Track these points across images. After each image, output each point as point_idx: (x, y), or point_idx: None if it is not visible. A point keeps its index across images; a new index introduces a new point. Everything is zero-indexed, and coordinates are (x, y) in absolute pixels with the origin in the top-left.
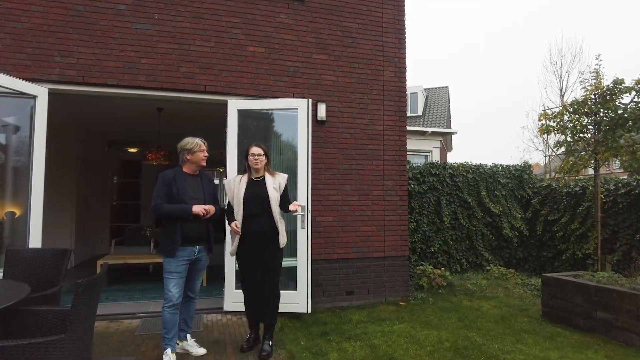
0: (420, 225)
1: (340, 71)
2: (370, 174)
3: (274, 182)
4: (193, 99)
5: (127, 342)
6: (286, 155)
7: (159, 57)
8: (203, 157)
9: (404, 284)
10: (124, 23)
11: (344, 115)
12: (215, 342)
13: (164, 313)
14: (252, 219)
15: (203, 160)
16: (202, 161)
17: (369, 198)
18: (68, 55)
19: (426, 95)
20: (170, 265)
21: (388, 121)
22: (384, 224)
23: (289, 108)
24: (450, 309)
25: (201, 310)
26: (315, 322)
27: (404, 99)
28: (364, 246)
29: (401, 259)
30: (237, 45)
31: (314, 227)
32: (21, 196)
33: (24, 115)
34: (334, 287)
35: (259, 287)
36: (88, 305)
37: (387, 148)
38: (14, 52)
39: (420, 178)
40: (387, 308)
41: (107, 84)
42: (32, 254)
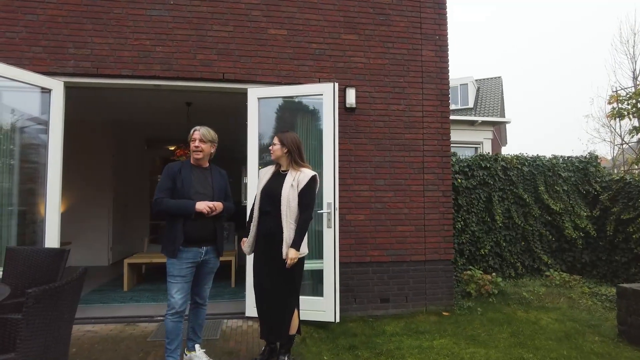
0: (468, 224)
1: (371, 52)
2: (407, 166)
3: (293, 179)
4: (211, 88)
5: (136, 350)
6: (312, 147)
7: (175, 45)
8: (193, 149)
9: (448, 291)
10: (139, 10)
11: (377, 101)
12: (229, 352)
13: (167, 321)
14: (265, 217)
15: (195, 153)
16: (193, 154)
17: (406, 194)
18: (82, 46)
19: (477, 86)
20: (174, 268)
21: (428, 106)
22: (424, 224)
23: (313, 94)
24: (502, 322)
25: (222, 315)
26: (344, 332)
27: (446, 81)
28: (400, 248)
29: (444, 263)
30: (257, 28)
31: (343, 227)
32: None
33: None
34: (366, 294)
35: (266, 298)
36: (49, 318)
37: (427, 137)
38: (30, 45)
39: (468, 172)
40: (428, 318)
41: (121, 74)
42: (30, 253)
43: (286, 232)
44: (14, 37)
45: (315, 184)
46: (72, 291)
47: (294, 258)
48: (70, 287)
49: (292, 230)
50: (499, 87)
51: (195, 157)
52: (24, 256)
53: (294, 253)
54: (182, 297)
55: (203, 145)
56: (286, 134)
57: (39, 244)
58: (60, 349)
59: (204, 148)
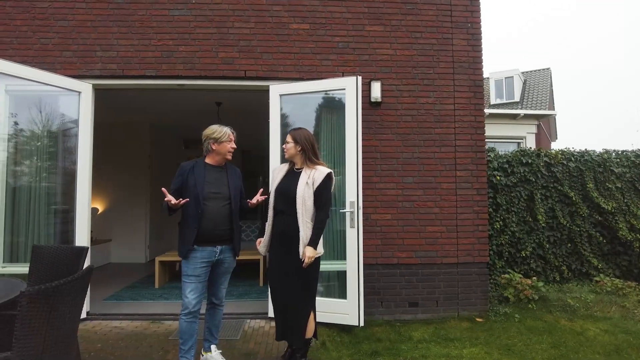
0: (508, 224)
1: (398, 43)
2: (437, 163)
3: (308, 177)
4: (233, 87)
5: (157, 348)
6: (336, 143)
7: (197, 44)
8: (230, 149)
9: (482, 296)
10: (161, 11)
11: (404, 94)
12: (246, 354)
13: (180, 321)
14: (280, 217)
15: (230, 153)
16: (228, 154)
17: (437, 192)
18: (109, 49)
19: (524, 79)
20: (188, 268)
21: (460, 99)
22: (456, 224)
23: (335, 89)
24: (542, 330)
25: (245, 315)
26: (368, 337)
27: (479, 71)
28: (430, 250)
29: (479, 266)
30: (279, 23)
31: (368, 227)
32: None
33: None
34: (394, 297)
35: (281, 298)
36: (47, 317)
37: (459, 131)
38: (61, 50)
39: (508, 168)
40: (459, 325)
41: (145, 75)
42: (54, 251)
43: (302, 231)
44: (47, 43)
45: (331, 181)
46: (73, 290)
47: (311, 257)
48: (70, 286)
49: (309, 229)
50: (548, 79)
51: (227, 158)
52: (49, 254)
53: (311, 251)
54: (196, 297)
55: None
56: (299, 131)
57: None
58: (60, 347)
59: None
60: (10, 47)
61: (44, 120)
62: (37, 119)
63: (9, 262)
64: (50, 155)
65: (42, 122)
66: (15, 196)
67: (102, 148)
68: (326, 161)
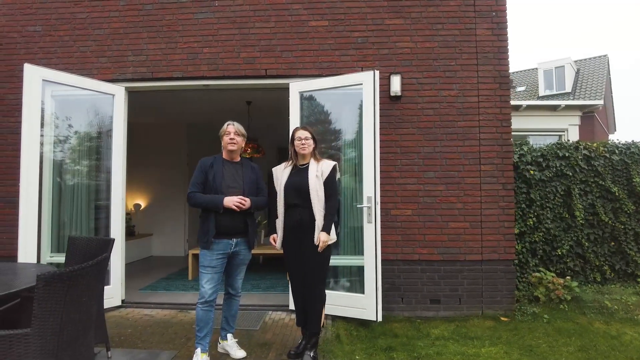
0: (542, 221)
1: (419, 36)
2: (461, 157)
3: (317, 169)
4: (254, 85)
5: (181, 335)
6: (355, 139)
7: (220, 45)
8: (228, 141)
9: (508, 294)
10: (187, 15)
11: (425, 87)
12: (263, 344)
13: (197, 310)
14: (292, 210)
15: (230, 145)
16: (228, 145)
17: (460, 187)
18: (139, 53)
19: (577, 68)
20: (205, 259)
21: (485, 90)
22: (480, 220)
23: (352, 84)
24: (572, 332)
25: (268, 307)
26: (385, 333)
27: (505, 61)
28: (453, 246)
29: (505, 263)
30: (298, 21)
31: (388, 222)
32: (145, 190)
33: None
34: (414, 294)
35: (300, 287)
36: (63, 300)
37: (484, 124)
38: (97, 56)
39: (542, 162)
40: (482, 323)
41: (173, 77)
42: (86, 242)
43: (319, 220)
44: (86, 51)
45: (336, 172)
46: (87, 277)
47: (325, 241)
48: (84, 272)
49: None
50: (604, 67)
51: (229, 150)
52: (81, 244)
53: (325, 236)
54: (212, 286)
55: (238, 138)
56: (310, 128)
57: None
58: (78, 327)
59: (238, 141)
60: (54, 56)
61: (83, 121)
62: (78, 121)
63: (55, 252)
64: (90, 154)
65: (83, 123)
66: (60, 192)
67: (144, 147)
68: (345, 156)
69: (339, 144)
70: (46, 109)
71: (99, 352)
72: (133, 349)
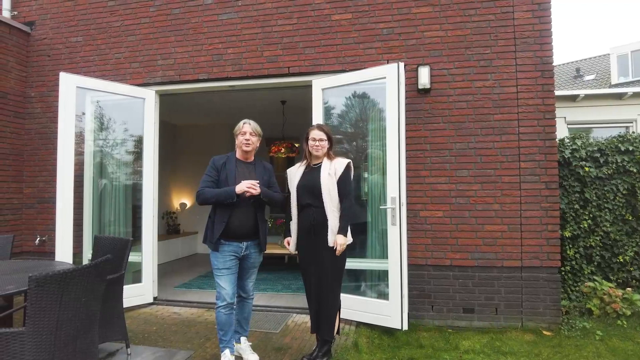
0: (599, 223)
1: (449, 23)
2: (497, 153)
3: (329, 168)
4: (277, 84)
5: (201, 335)
6: (381, 136)
7: (243, 45)
8: (244, 141)
9: (553, 305)
10: (212, 16)
11: (457, 78)
12: (279, 349)
13: (218, 313)
14: (306, 211)
15: (245, 145)
16: (243, 145)
17: (497, 187)
18: (168, 57)
19: None
20: (218, 261)
21: (524, 79)
22: (520, 222)
23: (376, 78)
24: (629, 354)
25: (293, 309)
26: (410, 342)
27: (548, 46)
28: (489, 251)
29: (548, 271)
30: (321, 16)
31: (417, 225)
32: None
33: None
34: (446, 301)
35: (314, 292)
36: (59, 300)
37: (523, 117)
38: (130, 62)
39: (600, 158)
40: (521, 337)
41: (199, 79)
42: (109, 241)
43: (331, 221)
44: (120, 57)
45: (350, 170)
46: (84, 277)
47: (342, 244)
48: (80, 273)
49: (336, 218)
50: None
51: (244, 150)
52: (105, 243)
53: (342, 239)
54: (231, 287)
55: (253, 138)
56: (325, 127)
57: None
58: (77, 326)
59: (254, 141)
60: (93, 64)
61: (120, 125)
62: (115, 124)
63: None
64: (126, 156)
65: (120, 127)
66: (101, 194)
67: (190, 148)
68: (371, 154)
69: (364, 142)
70: (86, 114)
71: (120, 349)
72: (153, 347)
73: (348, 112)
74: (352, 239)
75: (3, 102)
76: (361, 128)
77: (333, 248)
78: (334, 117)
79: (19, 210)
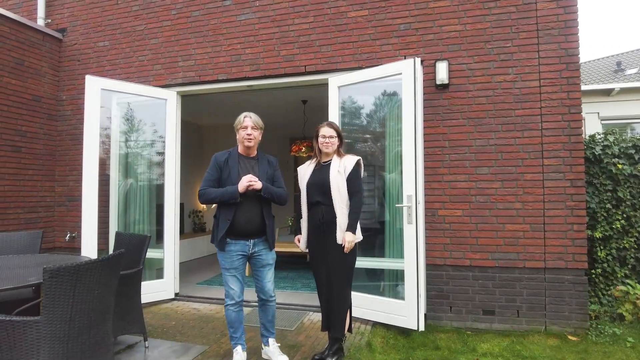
0: (634, 224)
1: (468, 17)
2: (519, 150)
3: (339, 166)
4: (293, 83)
5: (217, 331)
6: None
7: (261, 45)
8: (245, 136)
9: (579, 309)
10: (230, 17)
11: (476, 73)
12: (292, 346)
13: (227, 311)
14: (315, 208)
15: (247, 140)
16: (245, 140)
17: (519, 184)
18: (188, 58)
19: None
20: (225, 261)
21: (547, 72)
22: (543, 222)
23: (392, 74)
24: None
25: (310, 307)
26: (425, 344)
27: (574, 37)
28: (510, 251)
29: (574, 272)
30: (337, 14)
31: (435, 224)
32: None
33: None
34: (465, 302)
35: (324, 290)
36: (72, 291)
37: (546, 112)
38: (153, 64)
39: (635, 154)
40: (544, 341)
41: (218, 79)
42: (128, 238)
43: (340, 218)
44: (143, 60)
45: (360, 167)
46: (97, 271)
47: (351, 241)
48: (93, 266)
49: (345, 216)
50: None
51: (246, 145)
52: (125, 240)
53: (350, 236)
54: (239, 286)
55: (255, 132)
56: (335, 125)
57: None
58: (91, 317)
59: (256, 135)
60: (118, 67)
61: (145, 125)
62: (140, 125)
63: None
64: (150, 156)
65: (144, 128)
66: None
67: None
68: (388, 152)
69: (381, 139)
70: (112, 115)
71: (139, 341)
72: (170, 341)
73: (365, 110)
74: (361, 237)
75: (37, 105)
76: (378, 125)
77: (342, 246)
78: (350, 114)
79: (52, 207)
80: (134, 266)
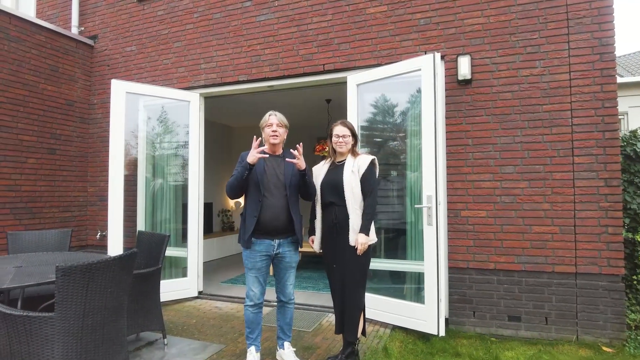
0: None
1: (491, 9)
2: (547, 147)
3: (352, 165)
4: (312, 82)
5: (235, 330)
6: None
7: (280, 44)
8: (270, 134)
9: (615, 318)
10: (250, 18)
11: (501, 67)
12: (307, 347)
13: (246, 311)
14: (329, 209)
15: (272, 137)
16: (270, 138)
17: (547, 184)
18: (210, 60)
19: None
20: (248, 260)
21: (578, 64)
22: (574, 224)
23: (411, 71)
24: None
25: (329, 309)
26: (445, 349)
27: (609, 25)
28: (538, 255)
29: (609, 279)
30: (356, 10)
31: (458, 225)
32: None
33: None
34: (489, 308)
35: (338, 292)
36: (85, 289)
37: (577, 106)
38: (177, 67)
39: None
40: (575, 351)
41: (239, 80)
42: (149, 236)
43: (353, 219)
44: (167, 63)
45: (375, 167)
46: (110, 269)
47: (364, 243)
48: (105, 265)
49: (359, 217)
50: None
51: (272, 142)
52: (146, 238)
53: (364, 238)
54: (260, 289)
55: (280, 130)
56: (349, 124)
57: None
58: (104, 315)
59: (281, 133)
60: (144, 71)
61: (170, 127)
62: (165, 127)
63: None
64: (177, 157)
65: (169, 129)
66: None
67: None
68: (410, 151)
69: (401, 138)
70: (139, 117)
71: (159, 339)
72: (189, 339)
73: (384, 107)
74: (375, 239)
75: (71, 109)
76: (398, 123)
77: (355, 247)
78: (370, 112)
79: (84, 207)
80: (154, 264)
